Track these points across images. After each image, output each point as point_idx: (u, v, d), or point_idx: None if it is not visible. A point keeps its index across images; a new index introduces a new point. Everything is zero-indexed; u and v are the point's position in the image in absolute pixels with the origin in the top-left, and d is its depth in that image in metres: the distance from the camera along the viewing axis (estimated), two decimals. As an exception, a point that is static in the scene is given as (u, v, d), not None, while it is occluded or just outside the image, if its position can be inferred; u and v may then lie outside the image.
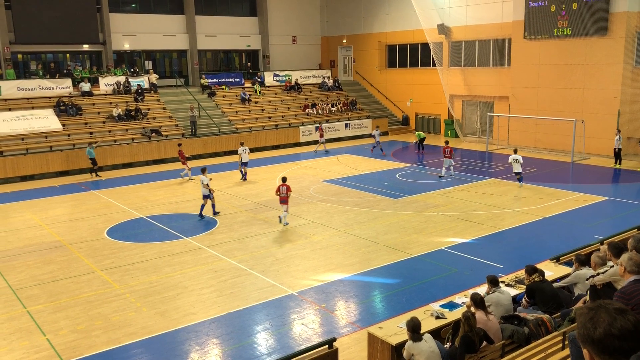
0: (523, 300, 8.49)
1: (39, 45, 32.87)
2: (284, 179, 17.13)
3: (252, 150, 30.46)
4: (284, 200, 16.66)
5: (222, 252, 14.50)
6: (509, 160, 21.25)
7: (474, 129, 34.20)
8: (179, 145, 25.88)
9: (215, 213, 18.14)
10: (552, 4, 27.48)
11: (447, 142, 23.45)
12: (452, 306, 8.74)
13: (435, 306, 8.79)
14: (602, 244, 10.32)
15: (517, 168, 20.68)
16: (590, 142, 26.57)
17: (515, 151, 21.62)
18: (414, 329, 6.79)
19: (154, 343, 9.93)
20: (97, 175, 25.25)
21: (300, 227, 16.61)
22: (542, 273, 8.37)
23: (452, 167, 22.90)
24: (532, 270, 8.38)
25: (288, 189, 16.67)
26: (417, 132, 30.16)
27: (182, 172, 24.36)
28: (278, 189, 16.75)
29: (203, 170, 18.33)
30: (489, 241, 15.03)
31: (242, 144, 24.22)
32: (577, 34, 26.87)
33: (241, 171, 23.75)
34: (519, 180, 20.95)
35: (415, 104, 37.10)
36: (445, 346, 7.29)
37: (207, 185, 17.90)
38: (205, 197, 18.01)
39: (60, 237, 16.24)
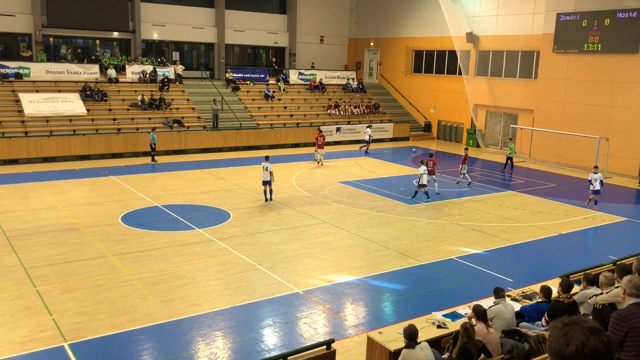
0: (542, 320, 8.16)
1: (70, 30, 33.37)
2: (431, 155, 21.40)
3: (271, 147, 30.81)
4: (432, 172, 20.75)
5: (232, 246, 14.58)
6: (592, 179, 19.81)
7: (496, 140, 33.88)
8: (320, 131, 27.09)
9: (268, 199, 19.15)
10: (584, 18, 27.09)
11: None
12: (455, 316, 8.68)
13: (438, 315, 8.73)
14: (614, 264, 10.16)
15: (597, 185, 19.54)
16: (614, 160, 26.13)
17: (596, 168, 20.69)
18: (411, 336, 6.76)
19: (157, 331, 10.03)
20: (153, 159, 25.89)
21: (312, 226, 16.62)
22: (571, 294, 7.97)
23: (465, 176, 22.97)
24: (567, 287, 7.94)
25: (435, 163, 20.95)
26: (510, 146, 27.21)
27: (318, 159, 26.37)
28: (426, 163, 20.47)
29: (267, 158, 19.15)
30: (501, 254, 14.88)
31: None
32: (607, 51, 26.45)
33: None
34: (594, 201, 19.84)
35: (439, 111, 36.87)
36: (443, 356, 7.23)
37: (272, 172, 18.77)
38: (265, 183, 18.91)
39: (75, 219, 16.48)
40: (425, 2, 36.49)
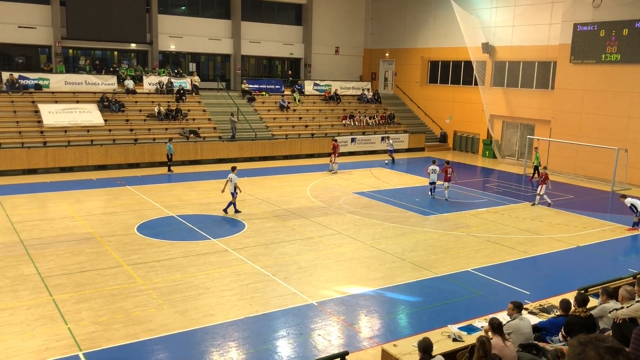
0: (560, 335, 8.01)
1: (89, 42, 33.87)
2: (448, 162, 22.34)
3: (286, 157, 30.89)
4: (449, 180, 21.61)
5: (247, 256, 14.57)
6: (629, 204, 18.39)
7: (512, 151, 33.61)
8: (335, 140, 28.55)
9: (236, 211, 18.98)
10: (602, 28, 26.86)
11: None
12: (471, 329, 8.56)
13: (454, 328, 8.61)
14: (634, 278, 9.97)
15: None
16: (633, 172, 25.76)
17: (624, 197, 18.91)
18: (425, 349, 6.67)
19: (171, 341, 10.02)
20: (170, 170, 26.16)
21: (326, 237, 16.56)
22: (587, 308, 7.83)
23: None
24: (582, 301, 7.80)
25: (452, 170, 21.82)
26: (536, 155, 27.44)
27: (332, 168, 27.34)
28: (445, 170, 21.56)
29: (233, 169, 19.07)
30: (518, 266, 14.69)
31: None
32: (625, 61, 26.17)
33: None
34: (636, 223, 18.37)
35: (455, 122, 36.72)
36: (459, 370, 7.13)
37: (236, 184, 18.62)
38: (231, 193, 18.87)
39: (92, 229, 16.60)
40: (441, 13, 36.47)
